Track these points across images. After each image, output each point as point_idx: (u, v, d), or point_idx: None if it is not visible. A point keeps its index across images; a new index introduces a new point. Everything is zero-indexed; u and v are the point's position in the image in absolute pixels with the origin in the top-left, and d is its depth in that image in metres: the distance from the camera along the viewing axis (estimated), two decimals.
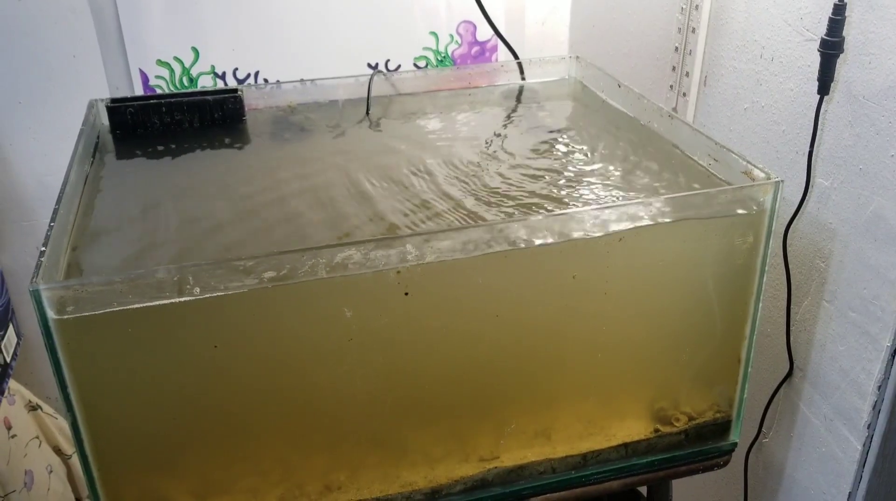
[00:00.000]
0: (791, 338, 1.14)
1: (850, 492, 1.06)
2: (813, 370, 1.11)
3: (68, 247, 0.84)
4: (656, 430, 0.98)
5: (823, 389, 1.09)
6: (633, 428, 0.97)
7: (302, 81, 1.23)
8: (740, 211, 0.89)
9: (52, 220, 0.80)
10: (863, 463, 1.04)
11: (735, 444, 1.02)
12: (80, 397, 0.75)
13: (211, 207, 0.95)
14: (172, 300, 0.73)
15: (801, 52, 1.08)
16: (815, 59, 1.02)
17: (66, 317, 0.71)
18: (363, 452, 0.88)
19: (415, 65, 1.49)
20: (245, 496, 0.86)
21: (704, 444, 1.00)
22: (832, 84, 1.02)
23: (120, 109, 1.11)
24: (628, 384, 0.96)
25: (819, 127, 1.05)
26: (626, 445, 0.97)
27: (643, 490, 1.14)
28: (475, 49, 1.51)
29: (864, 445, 1.03)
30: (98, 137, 1.11)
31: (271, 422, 0.84)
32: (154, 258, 0.84)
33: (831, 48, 1.00)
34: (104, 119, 1.14)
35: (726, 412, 1.00)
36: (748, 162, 0.91)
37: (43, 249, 0.74)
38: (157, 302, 0.73)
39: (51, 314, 0.70)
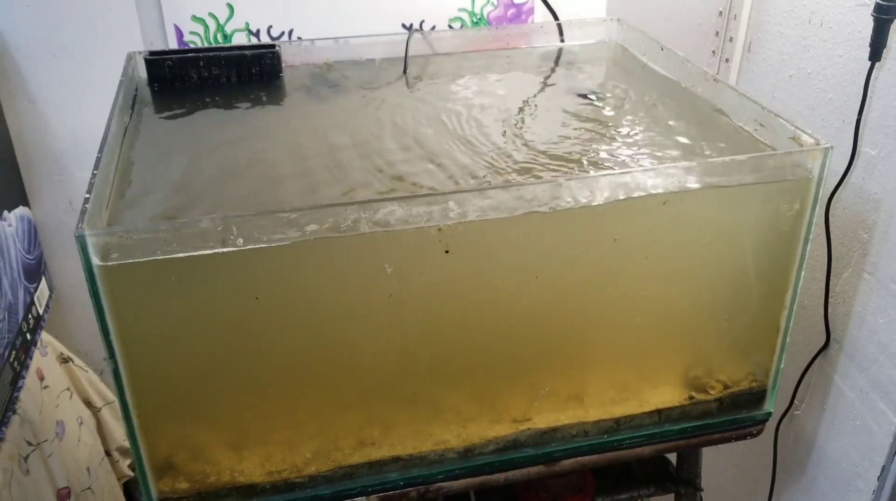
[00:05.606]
0: (829, 310, 1.12)
1: (883, 466, 1.05)
2: (850, 343, 1.10)
3: (111, 196, 0.84)
4: (691, 397, 0.97)
5: (860, 362, 1.08)
6: (668, 394, 0.97)
7: (338, 38, 1.22)
8: (787, 177, 0.87)
9: (95, 168, 0.79)
10: None
11: (769, 414, 1.01)
12: (122, 344, 0.75)
13: (249, 160, 0.94)
14: (216, 251, 0.73)
15: (852, 17, 1.05)
16: (868, 25, 0.99)
17: (110, 264, 0.71)
18: (397, 408, 0.88)
19: (449, 26, 1.47)
20: (280, 448, 0.86)
21: (738, 413, 1.00)
22: (884, 51, 0.99)
23: (158, 62, 1.11)
24: (665, 350, 0.95)
25: (868, 95, 1.02)
26: (659, 411, 0.97)
27: (672, 458, 1.14)
28: (511, 11, 1.49)
29: None
30: (136, 90, 1.10)
31: (308, 375, 0.84)
32: (193, 209, 0.84)
33: (885, 13, 0.97)
34: (142, 72, 1.13)
35: (762, 382, 0.99)
36: (797, 128, 0.89)
37: (87, 195, 0.74)
38: (201, 252, 0.73)
39: (95, 261, 0.71)
